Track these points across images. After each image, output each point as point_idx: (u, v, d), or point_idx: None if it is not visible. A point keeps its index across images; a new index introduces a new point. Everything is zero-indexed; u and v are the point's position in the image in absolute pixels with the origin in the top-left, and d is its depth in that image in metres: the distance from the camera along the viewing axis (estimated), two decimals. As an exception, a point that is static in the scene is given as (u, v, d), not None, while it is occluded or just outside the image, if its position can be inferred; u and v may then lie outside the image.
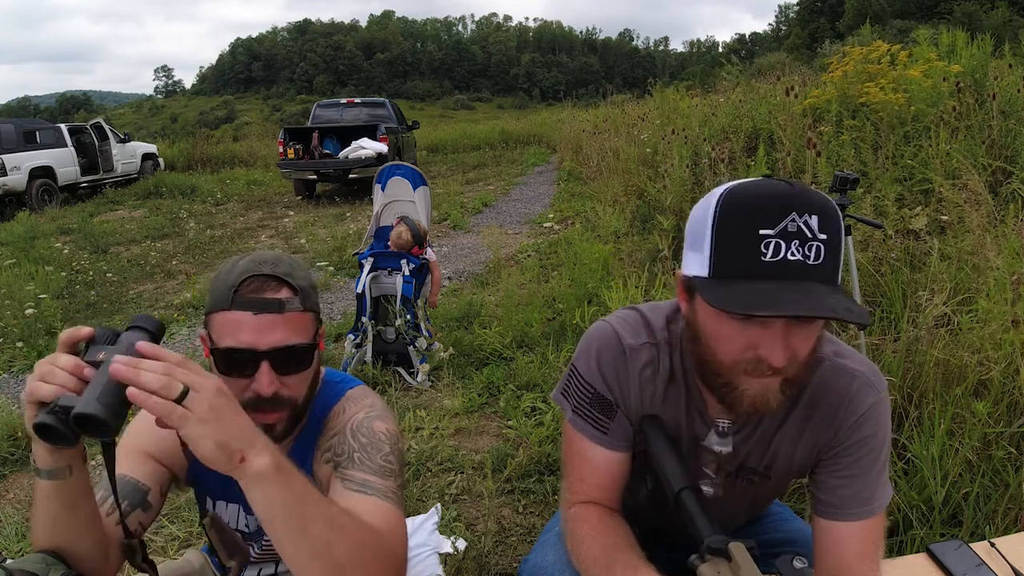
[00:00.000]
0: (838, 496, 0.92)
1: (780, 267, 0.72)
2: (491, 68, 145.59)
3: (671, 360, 0.96)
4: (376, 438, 0.98)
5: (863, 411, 0.91)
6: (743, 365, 0.79)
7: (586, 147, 10.60)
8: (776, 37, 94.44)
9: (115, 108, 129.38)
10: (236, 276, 0.90)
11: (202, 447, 0.69)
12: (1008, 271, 2.34)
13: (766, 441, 0.96)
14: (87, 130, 12.15)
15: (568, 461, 1.04)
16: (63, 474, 0.78)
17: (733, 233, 0.75)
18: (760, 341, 0.77)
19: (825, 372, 0.92)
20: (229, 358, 0.89)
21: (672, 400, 0.97)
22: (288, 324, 0.90)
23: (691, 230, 0.82)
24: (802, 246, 0.72)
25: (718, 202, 0.77)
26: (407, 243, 3.38)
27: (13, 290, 4.93)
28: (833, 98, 4.75)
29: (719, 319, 0.79)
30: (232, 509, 1.07)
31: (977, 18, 27.76)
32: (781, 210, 0.73)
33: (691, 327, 0.86)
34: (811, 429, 0.94)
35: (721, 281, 0.76)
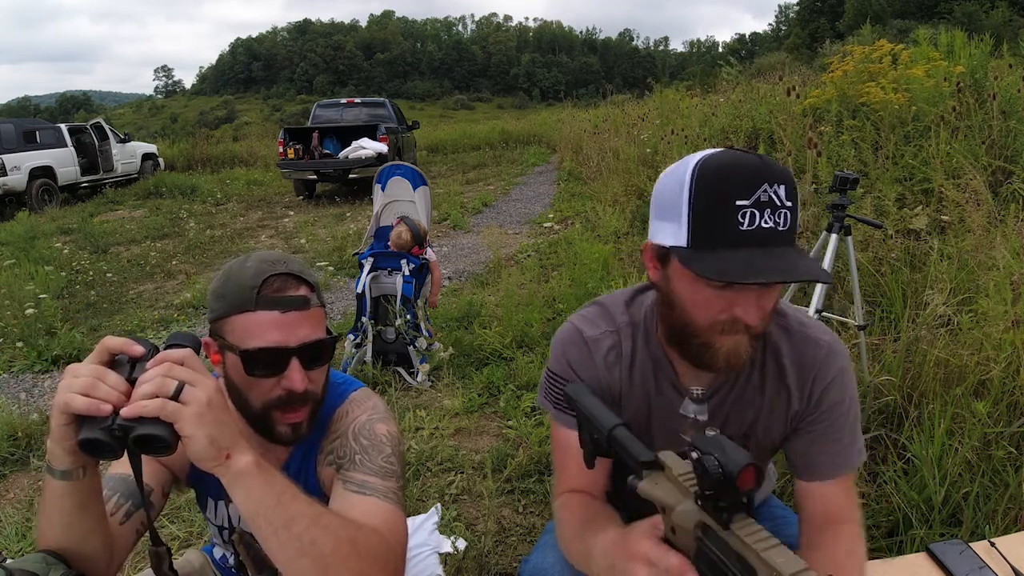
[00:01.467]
0: (815, 460, 0.97)
1: (755, 235, 0.77)
2: (491, 68, 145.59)
3: (634, 340, 1.01)
4: (377, 440, 0.98)
5: (832, 377, 0.96)
6: (719, 326, 0.84)
7: (586, 147, 10.61)
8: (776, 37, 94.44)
9: (115, 108, 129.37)
10: (253, 277, 0.90)
11: (195, 442, 0.72)
12: (1008, 271, 2.34)
13: (741, 408, 1.00)
14: (87, 130, 12.15)
15: (555, 457, 1.08)
16: (77, 475, 0.79)
17: (711, 204, 0.79)
18: (735, 303, 0.82)
19: (795, 342, 0.97)
20: (259, 359, 0.89)
21: (640, 376, 1.01)
22: (312, 320, 0.92)
23: (660, 201, 0.86)
24: (773, 214, 0.77)
25: (693, 174, 0.80)
26: (407, 243, 3.38)
27: (13, 290, 4.93)
28: (833, 98, 4.74)
29: (697, 285, 0.83)
30: (234, 509, 1.07)
31: (977, 18, 27.75)
32: (754, 181, 0.77)
33: (664, 294, 0.90)
34: (785, 398, 0.98)
35: (701, 250, 0.79)
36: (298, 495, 0.80)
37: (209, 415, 0.73)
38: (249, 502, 0.76)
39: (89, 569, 0.85)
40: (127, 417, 0.70)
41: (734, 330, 0.84)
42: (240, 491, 0.76)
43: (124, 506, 0.93)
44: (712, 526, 0.59)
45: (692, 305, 0.85)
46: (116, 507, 0.91)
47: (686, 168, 0.82)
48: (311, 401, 0.94)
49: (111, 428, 0.71)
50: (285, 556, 0.77)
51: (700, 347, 0.87)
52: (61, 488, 0.79)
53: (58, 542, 0.83)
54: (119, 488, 0.94)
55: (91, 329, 4.44)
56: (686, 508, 0.62)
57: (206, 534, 1.95)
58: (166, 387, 0.72)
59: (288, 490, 0.79)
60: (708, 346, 0.86)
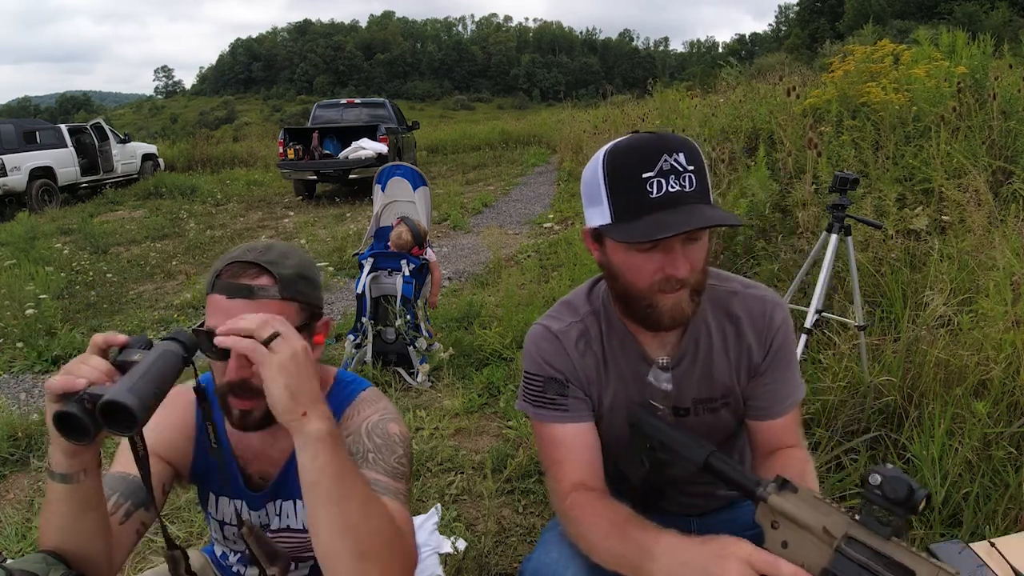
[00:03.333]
0: (768, 400, 1.09)
1: (665, 200, 0.89)
2: (491, 68, 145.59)
3: (599, 324, 1.10)
4: (391, 440, 0.99)
5: (778, 325, 1.08)
6: (657, 285, 0.95)
7: (586, 147, 10.61)
8: (776, 37, 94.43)
9: (115, 108, 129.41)
10: (223, 261, 0.92)
11: (274, 389, 0.77)
12: (1008, 271, 2.34)
13: (709, 370, 1.09)
14: (87, 130, 12.15)
15: (546, 455, 1.09)
16: (77, 478, 0.79)
17: (622, 182, 0.92)
18: (665, 262, 0.93)
19: (745, 302, 1.09)
20: (201, 339, 0.90)
21: (612, 356, 1.09)
22: (257, 310, 0.88)
23: (586, 191, 0.99)
24: (678, 179, 0.90)
25: (604, 162, 0.94)
26: (407, 243, 3.38)
27: (13, 290, 4.93)
28: (833, 98, 4.74)
29: (629, 253, 0.95)
30: (235, 505, 1.07)
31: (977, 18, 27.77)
32: (654, 154, 0.90)
33: (608, 268, 1.02)
34: (746, 345, 1.08)
35: (623, 223, 0.92)
36: (358, 475, 0.83)
37: (292, 367, 0.77)
38: (314, 467, 0.78)
39: (89, 570, 0.85)
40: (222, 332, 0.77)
41: (672, 287, 0.94)
42: (308, 454, 0.79)
43: (124, 505, 0.92)
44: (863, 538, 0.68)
45: (630, 271, 0.96)
46: (115, 507, 0.91)
47: (598, 158, 0.96)
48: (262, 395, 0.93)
49: (81, 399, 0.71)
50: (328, 530, 0.78)
51: (646, 308, 0.97)
52: (62, 491, 0.80)
53: (60, 544, 0.83)
54: (119, 487, 0.94)
55: (91, 329, 4.44)
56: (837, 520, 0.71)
57: (206, 534, 1.95)
58: (263, 330, 0.78)
59: (351, 468, 0.82)
60: (653, 306, 0.97)
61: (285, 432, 1.02)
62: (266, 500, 1.06)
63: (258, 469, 1.06)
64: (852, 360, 2.32)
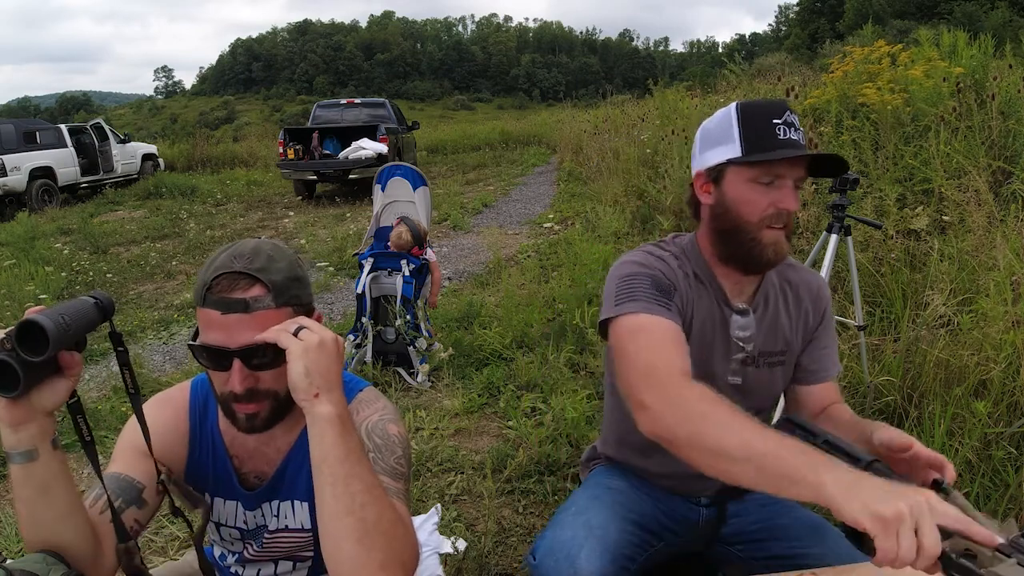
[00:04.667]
0: (821, 363, 1.24)
1: (787, 142, 1.06)
2: (491, 68, 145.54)
3: (689, 264, 1.20)
4: (390, 441, 0.99)
5: (827, 298, 1.27)
6: (767, 220, 1.08)
7: (586, 147, 10.61)
8: (776, 38, 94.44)
9: (115, 108, 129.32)
10: (211, 272, 0.90)
11: (294, 369, 0.82)
12: (1009, 271, 2.34)
13: (776, 325, 1.21)
14: (87, 130, 12.15)
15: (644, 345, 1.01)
16: (31, 456, 0.79)
17: (755, 121, 1.07)
18: (778, 198, 1.07)
19: (800, 273, 1.26)
20: (203, 354, 0.91)
21: (697, 296, 1.19)
22: (256, 323, 0.88)
23: (711, 133, 1.13)
24: (795, 132, 1.07)
25: (737, 108, 1.09)
26: (407, 243, 3.38)
27: (13, 290, 4.93)
28: (833, 98, 4.74)
29: (748, 187, 1.09)
30: (230, 506, 1.07)
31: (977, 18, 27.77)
32: (780, 108, 1.08)
33: (719, 206, 1.13)
34: (804, 309, 1.24)
35: (754, 154, 1.06)
36: (364, 459, 0.85)
37: (314, 352, 0.83)
38: (322, 446, 0.82)
39: (72, 560, 0.84)
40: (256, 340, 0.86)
41: (777, 223, 1.08)
42: (316, 433, 0.83)
43: (115, 502, 0.92)
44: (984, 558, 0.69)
45: (745, 203, 1.09)
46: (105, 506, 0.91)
47: (727, 108, 1.11)
48: (266, 398, 0.93)
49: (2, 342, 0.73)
50: (334, 509, 0.81)
51: (751, 242, 1.10)
52: (19, 473, 0.80)
53: (32, 534, 0.83)
54: (109, 486, 0.93)
55: (91, 329, 4.44)
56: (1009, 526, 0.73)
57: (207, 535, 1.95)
58: (290, 326, 0.85)
59: (358, 451, 0.85)
60: (757, 241, 1.09)
61: (283, 431, 1.03)
62: (261, 500, 1.06)
63: (253, 468, 1.06)
64: (852, 360, 2.32)
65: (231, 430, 1.03)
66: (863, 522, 0.70)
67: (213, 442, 1.06)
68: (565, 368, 3.07)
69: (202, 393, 1.07)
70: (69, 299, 0.83)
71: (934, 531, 0.68)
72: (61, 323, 0.74)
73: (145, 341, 4.29)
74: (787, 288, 1.24)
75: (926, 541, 0.68)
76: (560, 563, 1.06)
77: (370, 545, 0.80)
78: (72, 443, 2.79)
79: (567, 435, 2.50)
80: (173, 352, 4.08)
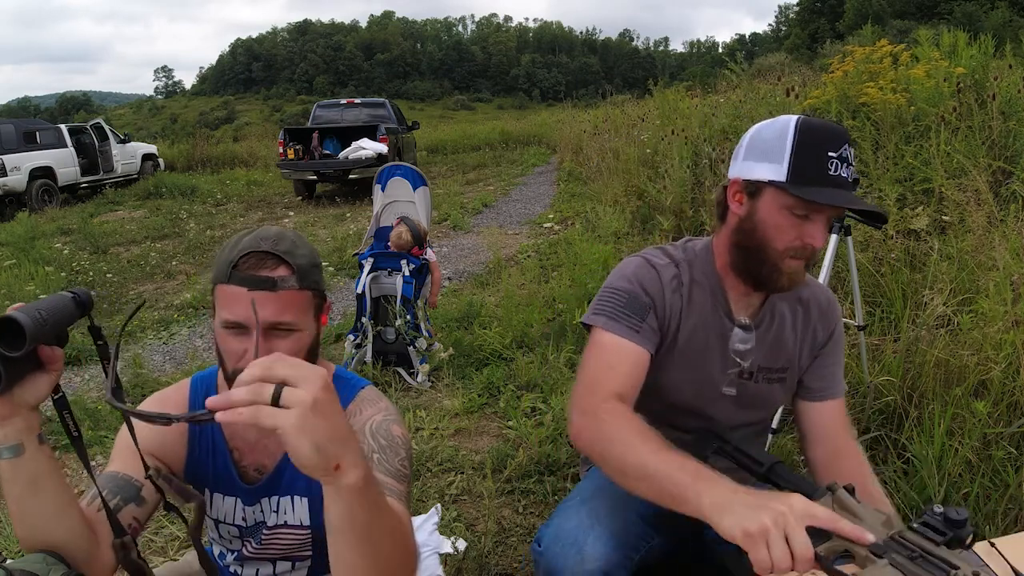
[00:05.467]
0: (827, 380, 1.22)
1: (837, 180, 1.00)
2: (491, 68, 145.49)
3: (691, 272, 1.18)
4: (394, 442, 0.99)
5: (838, 315, 1.24)
6: (791, 251, 1.05)
7: (586, 147, 10.60)
8: (776, 38, 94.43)
9: (115, 108, 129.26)
10: (237, 251, 0.93)
11: (299, 453, 0.62)
12: (1008, 271, 2.34)
13: (779, 340, 1.19)
14: (87, 130, 12.15)
15: (594, 361, 1.11)
16: (17, 451, 0.79)
17: (810, 149, 1.01)
18: (808, 232, 1.04)
19: (812, 290, 1.23)
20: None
21: (698, 303, 1.17)
22: (280, 302, 0.92)
23: (761, 144, 1.07)
24: (847, 168, 1.01)
25: (796, 126, 1.02)
26: (407, 243, 3.38)
27: (13, 290, 4.93)
28: (833, 98, 4.74)
29: (782, 214, 1.04)
30: (229, 502, 1.07)
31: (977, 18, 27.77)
32: (840, 139, 1.01)
33: (749, 221, 1.09)
34: (812, 326, 1.21)
35: (798, 185, 1.01)
36: (385, 506, 0.76)
37: (313, 420, 0.61)
38: (348, 516, 0.69)
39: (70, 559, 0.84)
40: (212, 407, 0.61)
41: (801, 255, 1.05)
42: (343, 505, 0.68)
43: (112, 500, 0.92)
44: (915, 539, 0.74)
45: (774, 229, 1.05)
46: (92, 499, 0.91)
47: (788, 121, 1.04)
48: None
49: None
50: (351, 560, 0.74)
51: (771, 267, 1.07)
52: (8, 469, 0.80)
53: (25, 532, 0.83)
54: (107, 484, 0.94)
55: (91, 329, 4.43)
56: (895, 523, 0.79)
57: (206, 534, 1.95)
58: (263, 395, 0.61)
59: (381, 504, 0.74)
60: (777, 268, 1.07)
61: None
62: (260, 495, 1.06)
63: (254, 461, 1.07)
64: (852, 360, 2.32)
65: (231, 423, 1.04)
66: (736, 538, 0.76)
67: (213, 438, 1.06)
68: (565, 368, 3.07)
69: (202, 390, 1.08)
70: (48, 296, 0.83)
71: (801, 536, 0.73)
72: (38, 318, 0.74)
73: (145, 341, 4.29)
74: (797, 305, 1.21)
75: (795, 547, 0.73)
76: (567, 549, 1.07)
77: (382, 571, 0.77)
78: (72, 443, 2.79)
79: (567, 435, 2.50)
80: (173, 352, 4.08)
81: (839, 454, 1.16)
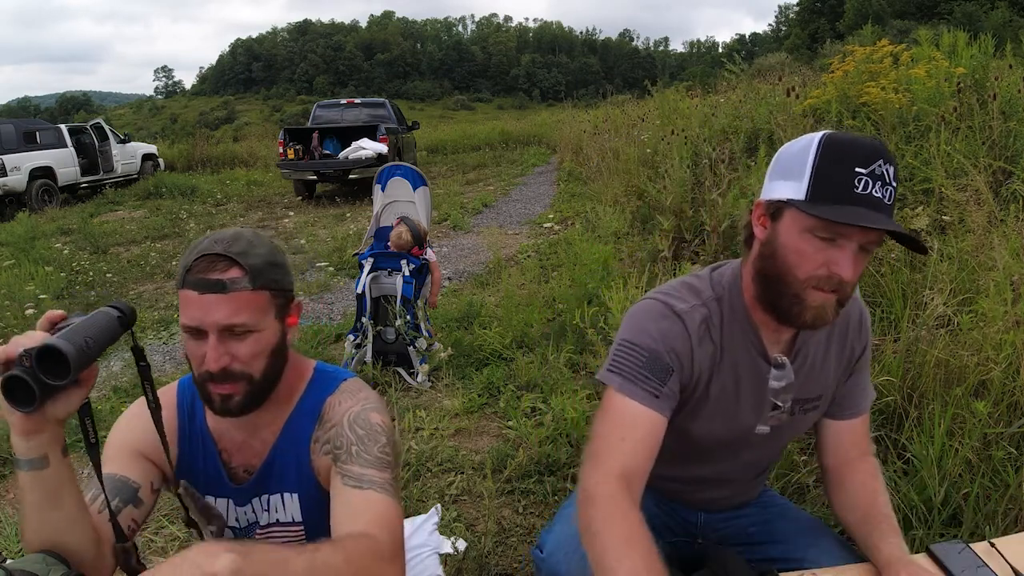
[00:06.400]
0: (851, 399, 1.14)
1: (865, 199, 0.88)
2: (491, 68, 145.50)
3: (722, 310, 1.07)
4: (373, 430, 0.99)
5: (868, 324, 1.15)
6: (815, 280, 0.93)
7: (586, 147, 10.60)
8: (776, 38, 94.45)
9: (115, 108, 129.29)
10: (193, 255, 0.93)
11: None
12: (1008, 271, 2.33)
13: (815, 370, 1.10)
14: (87, 130, 12.16)
15: (606, 428, 1.01)
16: (41, 464, 0.80)
17: (834, 166, 0.90)
18: (834, 260, 0.91)
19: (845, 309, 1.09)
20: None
21: (731, 346, 1.06)
22: (233, 304, 0.91)
23: (784, 163, 0.97)
24: (882, 187, 0.89)
25: (820, 141, 0.92)
26: (407, 243, 3.38)
27: (13, 290, 4.93)
28: (833, 98, 4.74)
29: (803, 237, 0.93)
30: (221, 504, 1.08)
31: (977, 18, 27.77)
32: (873, 155, 0.89)
33: (769, 246, 0.98)
34: (849, 346, 1.12)
35: (817, 203, 0.90)
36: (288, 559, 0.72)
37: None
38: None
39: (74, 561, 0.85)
40: None
41: (827, 287, 0.92)
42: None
43: (112, 502, 0.92)
44: None
45: (795, 254, 0.94)
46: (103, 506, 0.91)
47: (812, 137, 0.94)
48: (241, 380, 0.95)
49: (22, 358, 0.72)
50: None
51: (792, 298, 0.95)
52: (29, 480, 0.80)
53: (38, 538, 0.83)
54: (105, 487, 0.94)
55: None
56: None
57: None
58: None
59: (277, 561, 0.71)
60: (800, 299, 0.94)
61: (267, 422, 1.04)
62: (251, 495, 1.06)
63: (242, 462, 1.07)
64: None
65: (219, 424, 1.04)
66: None
67: (203, 439, 1.06)
68: (565, 368, 3.07)
69: (189, 392, 1.08)
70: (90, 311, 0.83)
71: None
72: (83, 347, 0.74)
73: (145, 341, 4.29)
74: (833, 330, 1.10)
75: None
76: (570, 556, 1.06)
77: None
78: (72, 443, 2.79)
79: (567, 435, 2.50)
80: (173, 352, 4.08)
81: (851, 467, 1.12)
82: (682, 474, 1.19)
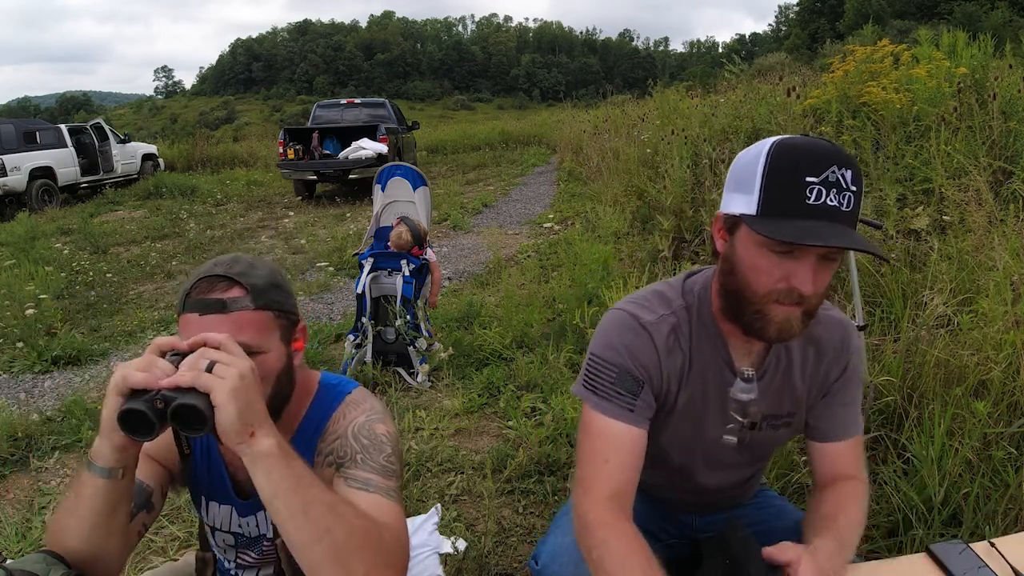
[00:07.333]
0: (833, 422, 1.09)
1: (819, 210, 0.84)
2: (491, 68, 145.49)
3: (691, 320, 1.05)
4: (378, 440, 0.98)
5: (854, 349, 1.09)
6: (775, 295, 0.90)
7: (586, 147, 10.60)
8: (776, 38, 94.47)
9: (115, 108, 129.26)
10: (193, 280, 0.92)
11: (225, 413, 0.76)
12: (1008, 271, 2.33)
13: (786, 386, 1.07)
14: (87, 130, 12.15)
15: (589, 449, 1.02)
16: (117, 474, 0.82)
17: (782, 177, 0.86)
18: (793, 273, 0.88)
19: (825, 325, 1.07)
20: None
21: (699, 355, 1.04)
22: (233, 323, 0.89)
23: (737, 175, 0.93)
24: (839, 194, 0.84)
25: (769, 150, 0.88)
26: (407, 243, 3.38)
27: (13, 290, 4.93)
28: (834, 98, 4.74)
29: (759, 252, 0.90)
30: (224, 510, 1.07)
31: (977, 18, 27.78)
32: (825, 161, 0.84)
33: (728, 261, 0.96)
34: (823, 369, 1.08)
35: (769, 218, 0.86)
36: (316, 482, 0.82)
37: (241, 389, 0.77)
38: (269, 483, 0.78)
39: (99, 570, 0.86)
40: (167, 387, 0.76)
41: (789, 300, 0.89)
42: (261, 472, 0.79)
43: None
44: None
45: (753, 270, 0.91)
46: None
47: (763, 146, 0.90)
48: None
49: (153, 399, 0.75)
50: (301, 541, 0.79)
51: (754, 314, 0.93)
52: (100, 486, 0.82)
53: (80, 541, 0.84)
54: None
55: (91, 330, 4.44)
56: None
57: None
58: (199, 364, 0.78)
59: (307, 475, 0.81)
60: (762, 314, 0.92)
61: None
62: (256, 509, 1.06)
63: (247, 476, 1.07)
64: (852, 360, 2.31)
65: None
66: None
67: (209, 447, 1.06)
68: (565, 368, 3.07)
69: None
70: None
71: None
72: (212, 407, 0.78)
73: (145, 341, 4.29)
74: (808, 345, 1.07)
75: None
76: (565, 568, 1.06)
77: (347, 562, 0.79)
78: (72, 443, 2.79)
79: (567, 435, 2.50)
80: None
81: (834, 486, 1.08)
82: (665, 481, 1.18)
